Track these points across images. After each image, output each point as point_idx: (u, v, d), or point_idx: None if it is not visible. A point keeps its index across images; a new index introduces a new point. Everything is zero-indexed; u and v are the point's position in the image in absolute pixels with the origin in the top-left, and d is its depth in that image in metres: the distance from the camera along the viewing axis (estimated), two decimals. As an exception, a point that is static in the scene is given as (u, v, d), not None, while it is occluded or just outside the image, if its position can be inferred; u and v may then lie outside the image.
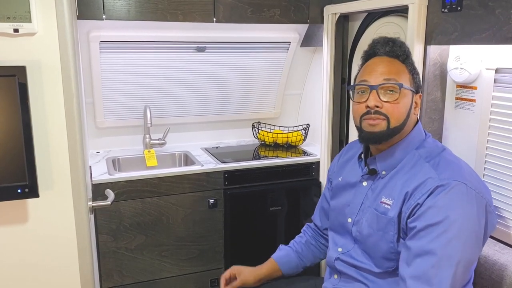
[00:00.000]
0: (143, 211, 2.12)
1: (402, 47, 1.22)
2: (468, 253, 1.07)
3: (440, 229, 1.05)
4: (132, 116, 2.52)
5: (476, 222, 1.08)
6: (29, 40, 1.23)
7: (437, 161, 1.15)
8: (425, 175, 1.13)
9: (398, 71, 1.19)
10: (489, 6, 1.32)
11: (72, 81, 1.26)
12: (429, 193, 1.09)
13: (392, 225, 1.16)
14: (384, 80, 1.17)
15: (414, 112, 1.22)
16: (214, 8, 2.09)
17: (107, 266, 2.12)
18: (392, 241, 1.17)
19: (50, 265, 1.38)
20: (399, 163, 1.20)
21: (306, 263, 1.53)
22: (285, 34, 2.49)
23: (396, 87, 1.16)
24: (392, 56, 1.21)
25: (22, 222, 1.33)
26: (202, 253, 2.28)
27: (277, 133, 2.66)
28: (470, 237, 1.07)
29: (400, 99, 1.17)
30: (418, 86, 1.23)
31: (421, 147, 1.21)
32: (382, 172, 1.23)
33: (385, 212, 1.18)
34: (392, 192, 1.18)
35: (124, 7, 1.96)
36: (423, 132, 1.25)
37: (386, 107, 1.16)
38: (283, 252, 1.53)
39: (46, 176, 1.31)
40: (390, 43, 1.22)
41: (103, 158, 2.38)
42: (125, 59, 2.33)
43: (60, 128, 1.29)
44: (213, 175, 2.22)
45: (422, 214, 1.09)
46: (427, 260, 1.06)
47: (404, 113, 1.18)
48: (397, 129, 1.18)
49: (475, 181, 1.12)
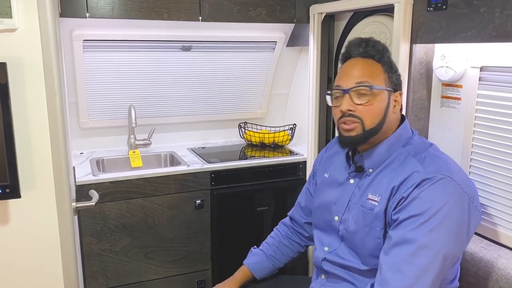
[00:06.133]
0: (128, 213, 2.09)
1: (376, 46, 1.22)
2: (449, 246, 1.07)
3: (422, 219, 1.06)
4: (117, 116, 2.49)
5: (459, 215, 1.08)
6: (9, 36, 1.19)
7: (423, 156, 1.16)
8: (411, 169, 1.13)
9: (372, 72, 1.19)
10: (474, 4, 1.33)
11: (55, 79, 1.23)
12: (415, 186, 1.09)
13: (378, 221, 1.16)
14: (355, 84, 1.18)
15: (393, 111, 1.21)
16: (199, 7, 2.08)
17: (91, 269, 2.09)
18: (379, 237, 1.17)
19: (32, 267, 1.35)
20: (386, 160, 1.21)
21: (280, 264, 1.51)
22: (271, 33, 2.49)
23: (367, 89, 1.17)
24: (366, 57, 1.21)
25: (3, 223, 1.29)
26: (189, 255, 2.26)
27: (263, 133, 2.65)
28: (452, 230, 1.07)
29: (373, 101, 1.18)
30: (395, 84, 1.22)
31: (408, 144, 1.21)
32: (369, 170, 1.24)
33: (371, 208, 1.18)
34: (379, 188, 1.19)
35: (108, 5, 1.93)
36: (410, 130, 1.25)
37: (360, 110, 1.18)
38: (255, 258, 1.51)
39: (28, 176, 1.27)
40: (363, 43, 1.22)
41: (87, 159, 2.34)
42: (109, 58, 2.30)
43: (42, 126, 1.26)
44: (200, 176, 2.20)
45: (406, 205, 1.09)
46: (405, 249, 1.06)
47: (378, 114, 1.18)
48: (373, 130, 1.19)
49: (461, 176, 1.13)
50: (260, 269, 1.49)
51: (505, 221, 1.39)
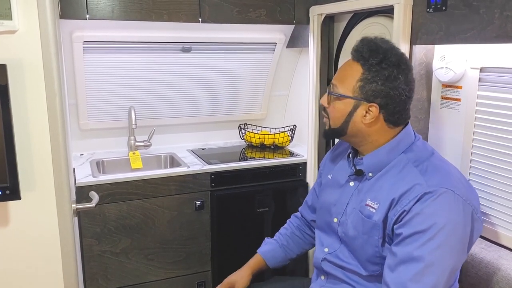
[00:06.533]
0: (128, 214, 2.09)
1: (365, 49, 1.16)
2: (453, 260, 1.07)
3: (426, 236, 1.05)
4: (117, 118, 2.49)
5: (462, 229, 1.07)
6: (9, 38, 1.19)
7: (425, 166, 1.14)
8: (412, 180, 1.11)
9: (344, 77, 1.19)
10: (473, 5, 1.33)
11: (55, 80, 1.23)
12: (417, 200, 1.07)
13: (377, 230, 1.16)
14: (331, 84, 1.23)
15: (363, 121, 1.17)
16: (199, 8, 2.08)
17: (91, 270, 2.08)
18: (377, 245, 1.16)
19: (32, 269, 1.35)
20: (386, 165, 1.19)
21: (292, 255, 1.53)
22: (271, 35, 2.49)
23: (331, 92, 1.22)
24: (355, 59, 1.19)
25: (3, 225, 1.29)
26: (189, 256, 2.26)
27: (263, 134, 2.65)
28: (456, 245, 1.07)
29: (334, 104, 1.21)
30: (370, 95, 1.14)
31: (409, 150, 1.19)
32: (368, 174, 1.23)
33: (370, 215, 1.17)
34: (378, 195, 1.17)
35: (108, 6, 1.94)
36: (413, 135, 1.22)
37: (329, 108, 1.24)
38: (268, 247, 1.52)
39: (28, 178, 1.27)
40: (358, 44, 1.19)
41: (87, 160, 2.34)
42: (109, 59, 2.30)
43: (42, 128, 1.25)
44: (200, 177, 2.20)
45: (409, 220, 1.08)
46: (411, 267, 1.05)
47: (339, 118, 1.21)
48: (337, 130, 1.22)
49: (463, 187, 1.11)
50: (273, 258, 1.50)
51: (505, 222, 1.39)
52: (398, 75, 1.14)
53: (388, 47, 1.16)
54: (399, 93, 1.14)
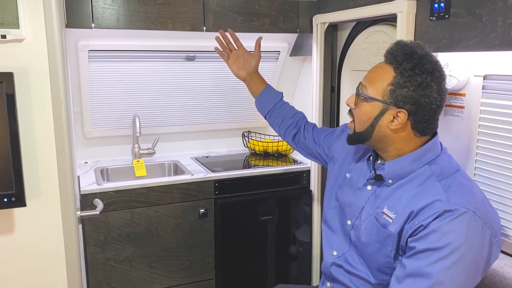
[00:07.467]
0: (132, 222, 2.09)
1: (399, 53, 1.12)
2: (464, 282, 1.03)
3: (440, 254, 1.01)
4: (121, 126, 2.50)
5: (478, 253, 1.04)
6: (17, 47, 1.21)
7: (449, 182, 1.09)
8: (434, 195, 1.07)
9: (375, 79, 1.14)
10: (476, 13, 1.34)
11: (61, 88, 1.25)
12: (436, 216, 1.03)
13: (391, 241, 1.12)
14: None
15: (390, 126, 1.13)
16: (204, 17, 2.09)
17: (95, 278, 2.08)
18: (389, 256, 1.14)
19: (37, 276, 1.35)
20: (408, 175, 1.15)
21: (275, 116, 1.73)
22: (274, 43, 2.50)
23: (359, 93, 1.18)
24: (388, 62, 1.14)
25: (9, 232, 1.29)
26: (193, 264, 2.25)
27: (267, 142, 2.65)
28: (469, 267, 1.03)
29: (359, 105, 1.17)
30: (401, 101, 1.10)
31: (434, 163, 1.14)
32: (388, 181, 1.18)
33: (385, 225, 1.14)
34: (396, 205, 1.14)
35: (113, 15, 1.96)
36: (439, 147, 1.17)
37: (355, 110, 1.20)
38: (274, 92, 1.76)
39: (33, 185, 1.28)
40: (392, 47, 1.14)
41: (91, 168, 2.35)
42: (114, 68, 2.32)
43: (48, 135, 1.27)
44: (203, 185, 2.20)
45: (425, 236, 1.04)
46: (419, 282, 1.03)
47: (365, 121, 1.16)
48: (362, 135, 1.18)
49: (485, 209, 1.07)
50: (266, 97, 1.75)
51: (510, 229, 1.38)
52: (431, 83, 1.09)
53: (424, 53, 1.11)
54: (430, 101, 1.10)
